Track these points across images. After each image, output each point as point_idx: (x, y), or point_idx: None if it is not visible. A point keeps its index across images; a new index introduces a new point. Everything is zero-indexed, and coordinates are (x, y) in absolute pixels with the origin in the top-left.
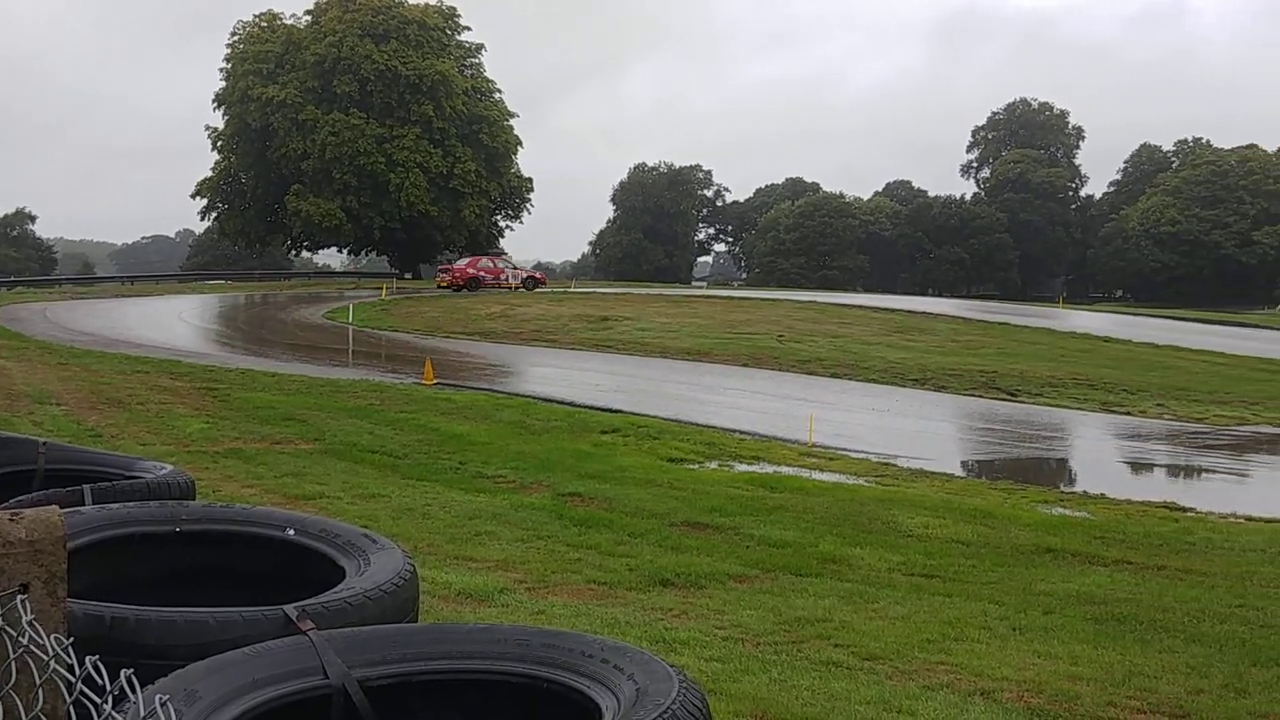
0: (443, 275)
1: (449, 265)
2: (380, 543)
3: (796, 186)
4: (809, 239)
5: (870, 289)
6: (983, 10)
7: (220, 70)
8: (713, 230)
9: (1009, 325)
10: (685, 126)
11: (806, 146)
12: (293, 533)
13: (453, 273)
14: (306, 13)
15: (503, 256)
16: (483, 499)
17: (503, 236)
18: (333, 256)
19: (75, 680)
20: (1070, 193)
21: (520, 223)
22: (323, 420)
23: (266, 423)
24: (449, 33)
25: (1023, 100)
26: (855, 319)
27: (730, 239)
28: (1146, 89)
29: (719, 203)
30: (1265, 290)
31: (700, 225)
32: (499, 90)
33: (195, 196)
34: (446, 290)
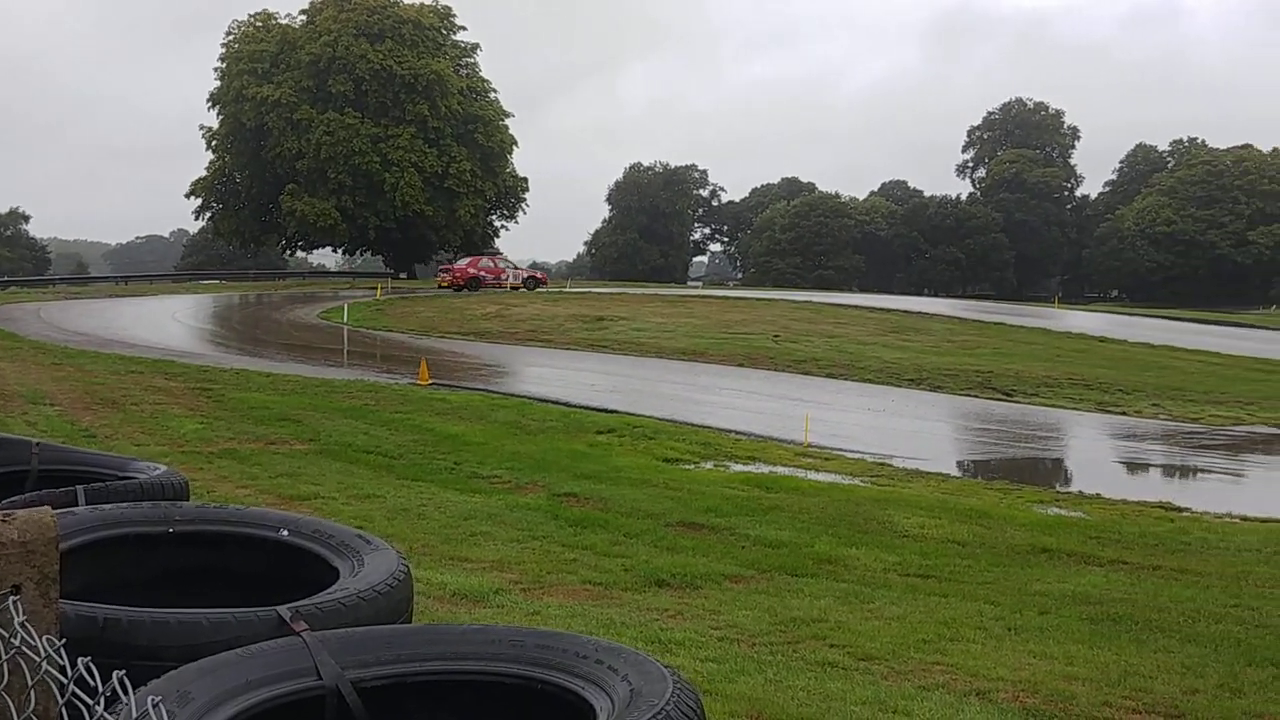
0: (444, 275)
1: (450, 265)
2: (374, 543)
3: (792, 186)
4: (805, 239)
5: (866, 289)
6: (978, 10)
7: (215, 70)
8: (708, 230)
9: (1005, 325)
10: (681, 126)
11: (802, 146)
12: (286, 533)
13: (453, 273)
14: (301, 12)
15: (500, 256)
16: (478, 499)
17: (498, 236)
18: (327, 256)
19: (67, 682)
20: (1066, 193)
21: (515, 222)
22: (318, 420)
23: (261, 423)
24: (444, 32)
25: (1018, 100)
26: (851, 319)
27: (726, 239)
28: (1142, 89)
29: (715, 202)
30: (1260, 290)
31: (696, 225)
32: (494, 90)
33: (190, 196)
34: (447, 290)
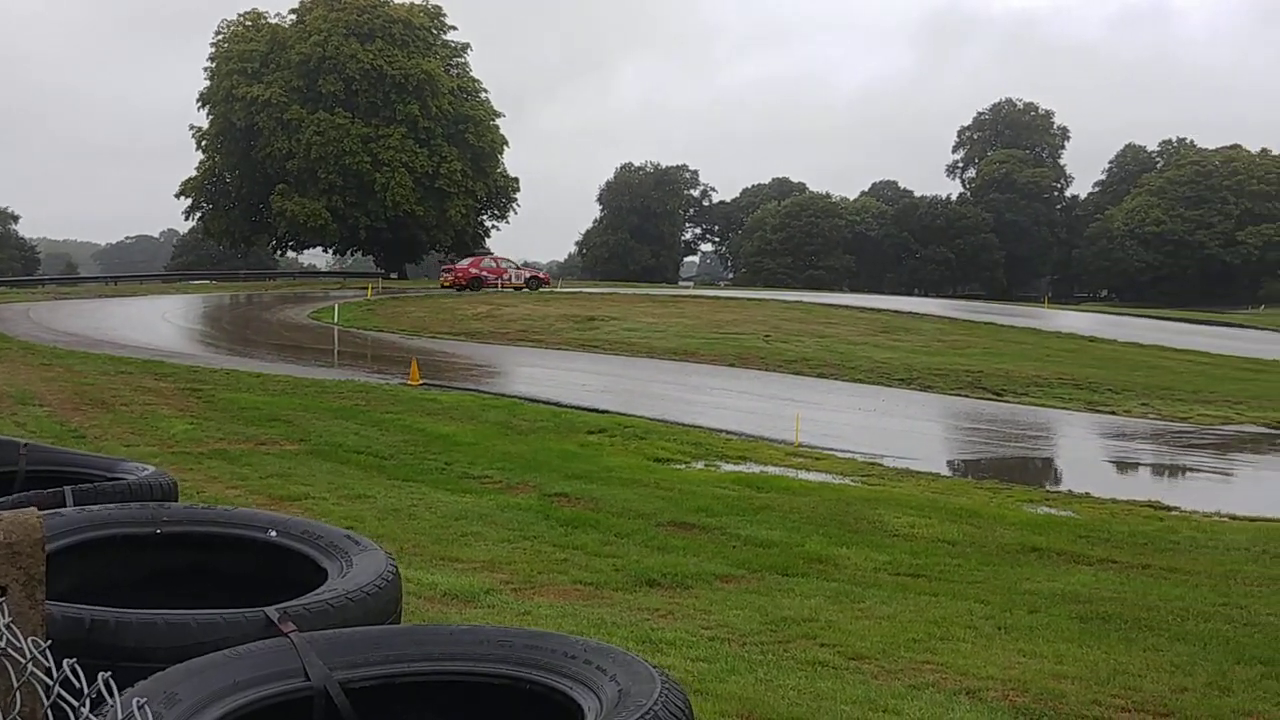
0: (446, 275)
1: (452, 265)
2: (363, 544)
3: (783, 186)
4: (795, 239)
5: (856, 289)
6: (968, 11)
7: (205, 69)
8: (699, 230)
9: (995, 325)
10: (672, 126)
11: (793, 146)
12: (275, 534)
13: (455, 272)
14: (291, 12)
15: (491, 256)
16: (469, 499)
17: (489, 236)
18: (318, 256)
19: (53, 684)
20: (1055, 193)
21: (506, 222)
22: (308, 421)
23: (251, 423)
24: (435, 32)
25: (1008, 100)
26: (841, 319)
27: (717, 239)
28: (1131, 90)
29: (705, 202)
30: (1249, 290)
31: (687, 225)
32: (485, 90)
33: (180, 196)
34: (450, 290)
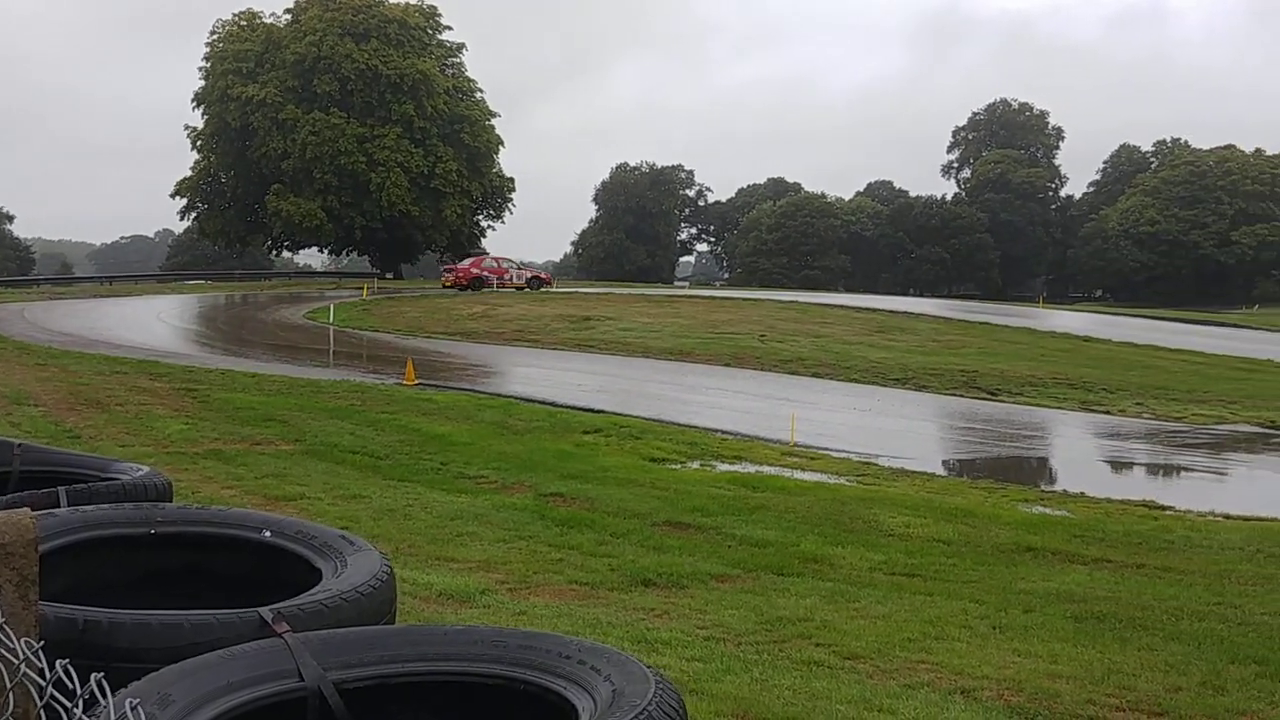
0: (447, 275)
1: (453, 265)
2: (357, 544)
3: (778, 186)
4: (791, 239)
5: (852, 289)
6: (964, 11)
7: (200, 69)
8: (695, 230)
9: (990, 325)
10: (667, 126)
11: (788, 146)
12: (269, 534)
13: (457, 272)
14: (286, 11)
15: (492, 256)
16: (464, 499)
17: (484, 236)
18: (313, 256)
19: (46, 684)
20: (1050, 193)
21: (502, 222)
22: (303, 421)
23: (247, 423)
24: (430, 32)
25: (1003, 101)
26: (837, 319)
27: (712, 239)
28: (1126, 90)
29: (701, 202)
30: (1243, 290)
31: (682, 225)
32: (480, 90)
33: (175, 196)
34: (451, 290)
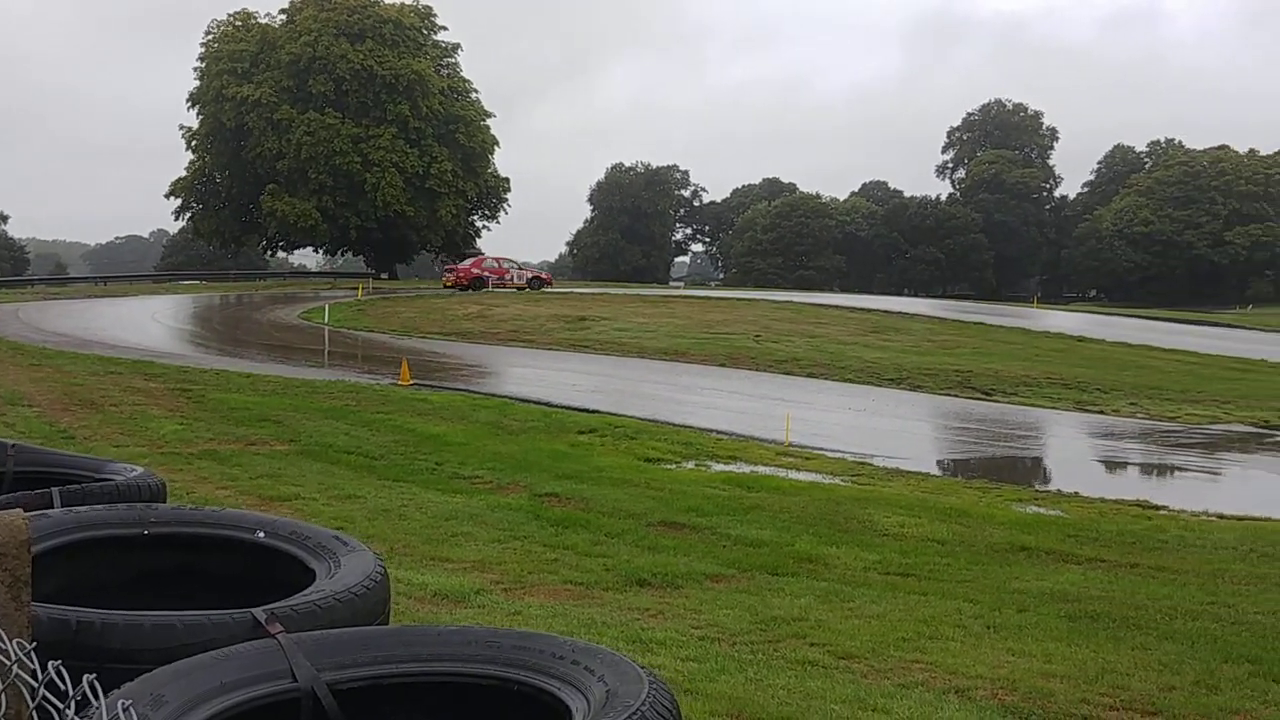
0: (448, 275)
1: (454, 265)
2: (351, 545)
3: (773, 187)
4: (786, 239)
5: (847, 289)
6: (959, 12)
7: (195, 69)
8: (690, 230)
9: (984, 325)
10: (662, 126)
11: (783, 147)
12: (263, 535)
13: (458, 273)
14: (281, 12)
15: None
16: (459, 500)
17: (479, 237)
18: (308, 257)
19: (38, 685)
20: (1044, 193)
21: (497, 223)
22: (298, 421)
23: (241, 424)
24: (425, 32)
25: (997, 101)
26: (832, 319)
27: (707, 239)
28: (1120, 91)
29: (696, 203)
30: (1237, 290)
31: (677, 225)
32: (475, 90)
33: (169, 196)
34: (452, 290)
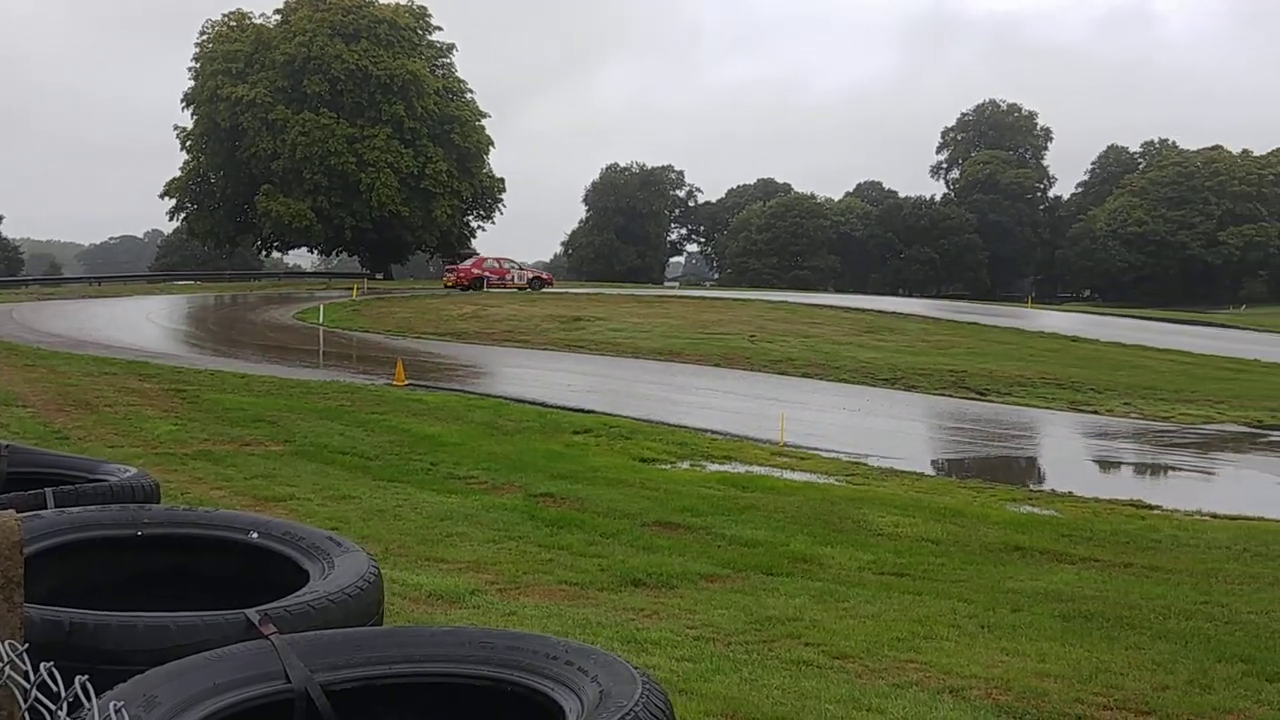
0: (449, 275)
1: (455, 265)
2: (345, 545)
3: (768, 187)
4: (781, 239)
5: (841, 289)
6: (953, 13)
7: (189, 70)
8: (685, 231)
9: (978, 325)
10: (657, 127)
11: (778, 147)
12: (256, 536)
13: (458, 273)
14: (276, 12)
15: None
16: (454, 500)
17: (474, 237)
18: (303, 257)
19: (30, 687)
20: (1039, 193)
21: (492, 223)
22: (293, 421)
23: (236, 424)
24: (420, 32)
25: (991, 102)
26: (826, 319)
27: (702, 239)
28: (1114, 91)
29: (691, 203)
30: (1230, 290)
31: (672, 226)
32: (471, 90)
33: (164, 197)
34: (453, 290)
